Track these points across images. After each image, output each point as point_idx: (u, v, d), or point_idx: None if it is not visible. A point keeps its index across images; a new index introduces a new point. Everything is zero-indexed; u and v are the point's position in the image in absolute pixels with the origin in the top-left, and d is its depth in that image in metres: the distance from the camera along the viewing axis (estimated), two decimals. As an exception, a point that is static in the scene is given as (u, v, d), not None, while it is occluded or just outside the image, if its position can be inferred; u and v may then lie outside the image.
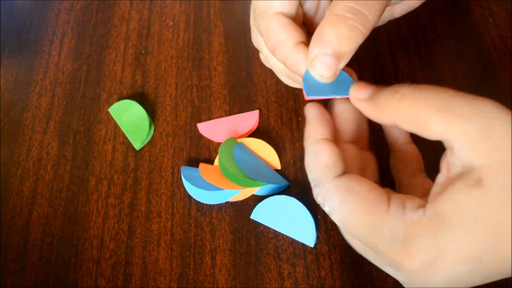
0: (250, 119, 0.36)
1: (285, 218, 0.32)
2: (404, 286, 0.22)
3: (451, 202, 0.19)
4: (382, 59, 0.39)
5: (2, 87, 0.40)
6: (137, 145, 0.36)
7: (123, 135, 0.37)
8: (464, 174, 0.19)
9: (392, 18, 0.33)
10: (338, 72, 0.24)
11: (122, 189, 0.35)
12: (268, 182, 0.32)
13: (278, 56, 0.26)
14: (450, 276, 0.19)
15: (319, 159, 0.24)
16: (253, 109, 0.37)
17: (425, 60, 0.39)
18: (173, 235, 0.33)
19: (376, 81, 0.38)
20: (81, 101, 0.39)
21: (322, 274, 0.31)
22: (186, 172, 0.34)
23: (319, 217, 0.33)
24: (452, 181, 0.20)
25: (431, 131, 0.21)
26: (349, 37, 0.23)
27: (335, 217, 0.23)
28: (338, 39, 0.23)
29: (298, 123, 0.36)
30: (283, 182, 0.33)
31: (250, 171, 0.32)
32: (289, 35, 0.25)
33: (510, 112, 0.19)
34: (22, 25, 0.43)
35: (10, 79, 0.40)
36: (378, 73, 0.38)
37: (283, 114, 0.37)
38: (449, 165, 0.21)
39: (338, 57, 0.23)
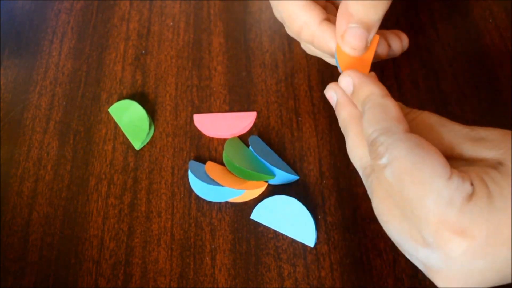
0: (246, 119, 0.36)
1: (285, 218, 0.32)
2: (434, 274, 0.21)
3: (491, 179, 0.20)
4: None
5: (2, 87, 0.40)
6: (137, 145, 0.36)
7: (123, 135, 0.37)
8: (481, 163, 0.21)
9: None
10: (368, 44, 0.24)
11: (122, 189, 0.35)
12: (283, 170, 0.33)
13: (305, 38, 0.26)
14: (493, 261, 0.19)
15: (389, 112, 0.22)
16: (253, 109, 0.37)
17: (425, 60, 0.39)
18: (173, 235, 0.33)
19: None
20: (81, 101, 0.39)
21: (322, 274, 0.31)
22: (193, 166, 0.34)
23: (319, 217, 0.33)
24: (486, 164, 0.21)
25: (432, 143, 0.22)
26: (375, 5, 0.23)
27: (392, 169, 0.21)
28: (365, 9, 0.23)
29: (298, 123, 0.36)
30: (294, 174, 0.34)
31: (268, 159, 0.34)
32: (311, 14, 0.25)
33: None
34: (22, 25, 0.43)
35: (10, 79, 0.40)
36: (378, 73, 0.38)
37: (283, 114, 0.37)
38: (467, 168, 0.21)
39: (367, 28, 0.23)
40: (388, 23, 0.34)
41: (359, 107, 0.24)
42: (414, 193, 0.20)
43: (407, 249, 0.22)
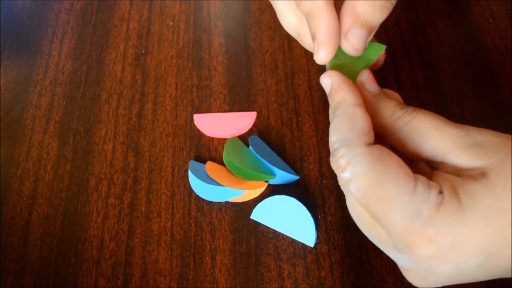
0: (246, 119, 0.36)
1: (285, 218, 0.32)
2: (405, 272, 0.22)
3: (465, 191, 0.20)
4: (382, 59, 0.39)
5: (2, 87, 0.40)
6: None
7: (123, 135, 0.37)
8: (466, 172, 0.20)
9: None
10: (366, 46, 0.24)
11: (122, 189, 0.35)
12: (284, 170, 0.33)
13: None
14: (459, 267, 0.19)
15: (355, 122, 0.22)
16: (253, 109, 0.37)
17: (425, 60, 0.39)
18: (173, 235, 0.33)
19: (376, 81, 0.38)
20: (81, 101, 0.39)
21: (322, 274, 0.31)
22: (193, 166, 0.34)
23: (319, 217, 0.33)
24: (470, 173, 0.21)
25: (424, 148, 0.22)
26: (381, 9, 0.23)
27: (355, 185, 0.21)
28: (372, 11, 0.23)
29: (298, 123, 0.36)
30: (294, 174, 0.34)
31: (268, 159, 0.34)
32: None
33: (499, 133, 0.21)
34: (22, 25, 0.43)
35: (10, 79, 0.40)
36: (378, 73, 0.38)
37: (283, 114, 0.37)
38: (443, 176, 0.21)
39: (370, 29, 0.23)
40: (388, 23, 0.34)
41: (331, 112, 0.24)
42: (380, 209, 0.20)
43: (379, 246, 0.23)
